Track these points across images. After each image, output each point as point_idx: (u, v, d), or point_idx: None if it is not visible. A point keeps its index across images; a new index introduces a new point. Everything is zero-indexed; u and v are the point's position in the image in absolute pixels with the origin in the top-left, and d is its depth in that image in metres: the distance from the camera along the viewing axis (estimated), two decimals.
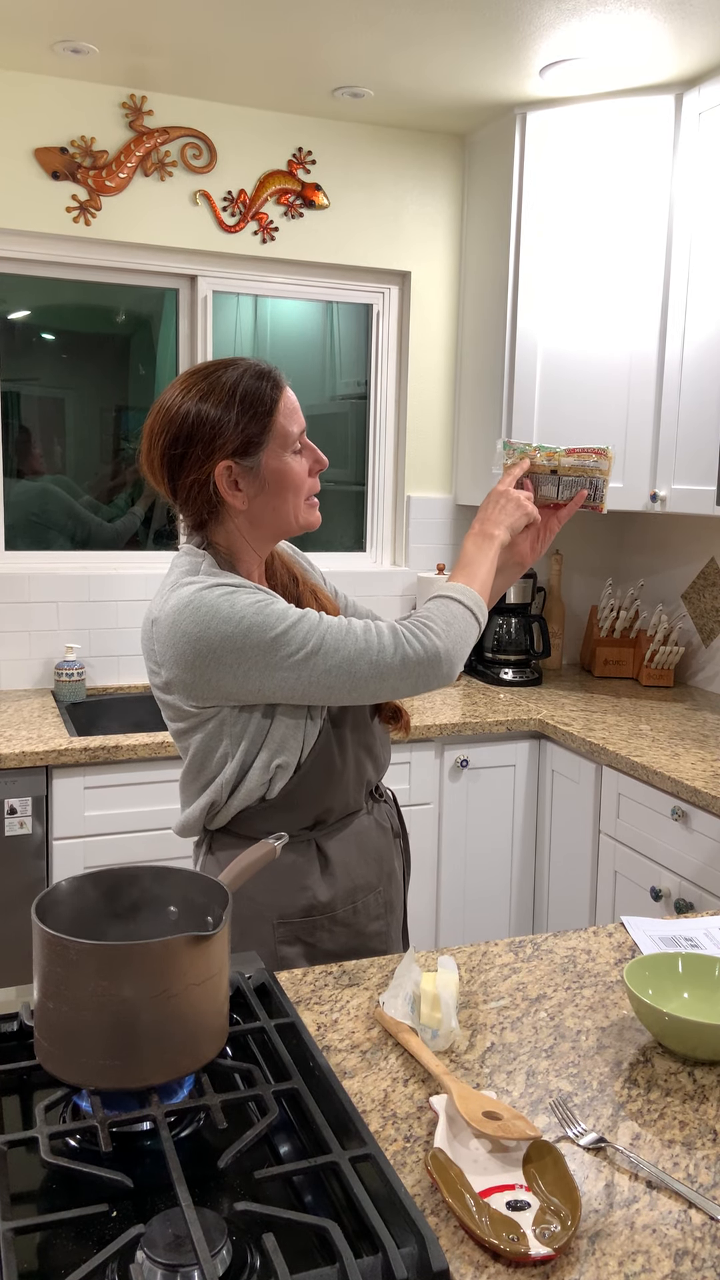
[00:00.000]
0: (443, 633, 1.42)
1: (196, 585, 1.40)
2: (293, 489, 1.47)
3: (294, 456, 1.46)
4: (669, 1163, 1.00)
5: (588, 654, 3.56)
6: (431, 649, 1.40)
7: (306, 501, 1.50)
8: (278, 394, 1.44)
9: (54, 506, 3.20)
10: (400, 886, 1.67)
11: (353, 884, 1.56)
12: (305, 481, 1.48)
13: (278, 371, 1.47)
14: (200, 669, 1.38)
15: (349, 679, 1.38)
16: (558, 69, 2.73)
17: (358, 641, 1.39)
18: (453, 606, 1.46)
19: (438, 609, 1.45)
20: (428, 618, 1.44)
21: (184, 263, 3.16)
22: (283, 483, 1.45)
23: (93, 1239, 0.88)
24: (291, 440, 1.45)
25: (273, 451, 1.44)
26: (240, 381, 1.42)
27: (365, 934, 1.57)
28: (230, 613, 1.37)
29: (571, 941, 1.48)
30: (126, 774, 2.59)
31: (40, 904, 1.08)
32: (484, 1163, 0.98)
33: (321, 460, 1.50)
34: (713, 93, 2.72)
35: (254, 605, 1.38)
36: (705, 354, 2.78)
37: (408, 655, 1.39)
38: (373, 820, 1.61)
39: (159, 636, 1.42)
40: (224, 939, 1.05)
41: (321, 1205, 0.93)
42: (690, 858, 2.34)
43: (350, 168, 3.24)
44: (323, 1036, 1.21)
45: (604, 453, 1.62)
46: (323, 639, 1.38)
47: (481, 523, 1.57)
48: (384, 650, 1.39)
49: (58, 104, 2.92)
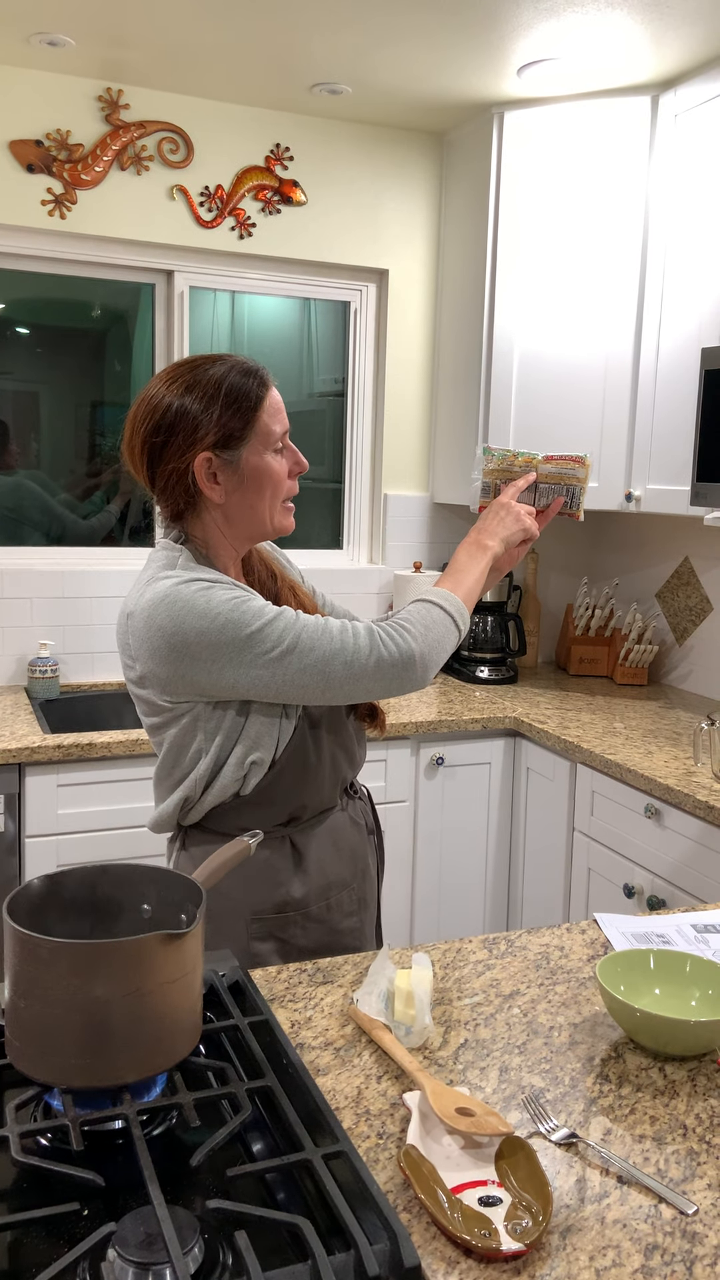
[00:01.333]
0: (419, 636, 1.42)
1: (173, 580, 1.39)
2: (270, 487, 1.46)
3: (274, 455, 1.46)
4: (640, 1158, 1.01)
5: (563, 652, 3.57)
6: (406, 652, 1.40)
7: (283, 504, 1.50)
8: (264, 391, 1.44)
9: (28, 502, 3.18)
10: (374, 883, 1.67)
11: (327, 880, 1.56)
12: (284, 481, 1.48)
13: (265, 370, 1.47)
14: (174, 663, 1.38)
15: (323, 679, 1.38)
16: (535, 69, 2.74)
17: (333, 641, 1.38)
18: (433, 611, 1.46)
19: (418, 612, 1.45)
20: (407, 620, 1.44)
21: (160, 258, 3.14)
22: (261, 480, 1.45)
23: (64, 1237, 0.88)
24: (274, 439, 1.45)
25: (254, 448, 1.44)
26: (227, 376, 1.42)
27: (339, 930, 1.57)
28: (206, 608, 1.36)
29: (545, 938, 1.49)
30: (100, 771, 2.57)
31: (12, 902, 1.07)
32: (457, 1159, 0.98)
33: (301, 463, 1.50)
34: (689, 94, 2.74)
35: (230, 601, 1.37)
36: (680, 355, 2.80)
37: (382, 657, 1.39)
38: (347, 817, 1.61)
39: (134, 630, 1.41)
40: (197, 937, 1.05)
41: (294, 1202, 0.93)
42: (663, 855, 2.36)
43: (328, 164, 3.23)
44: (296, 1034, 1.21)
45: (581, 460, 1.63)
46: (298, 637, 1.38)
47: (478, 532, 1.57)
48: (359, 651, 1.39)
49: (33, 97, 2.90)
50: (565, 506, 1.66)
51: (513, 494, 1.61)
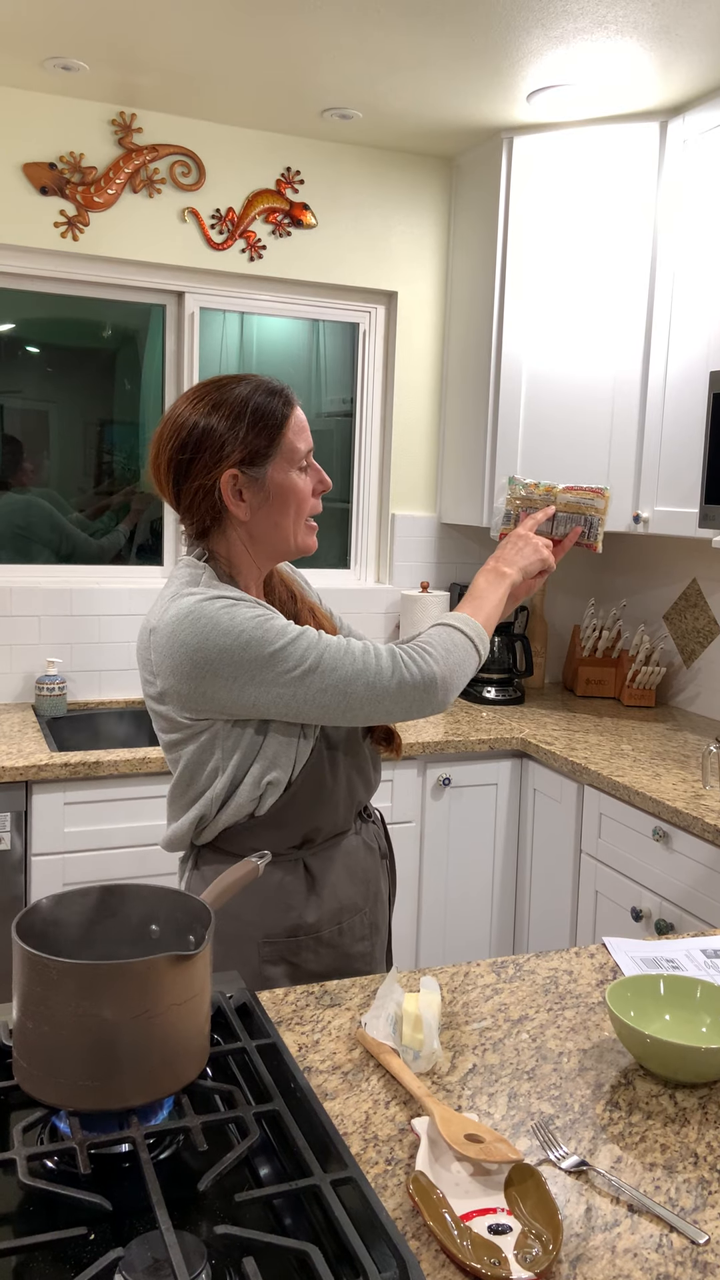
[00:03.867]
0: (441, 659, 1.42)
1: (197, 596, 1.40)
2: (295, 505, 1.48)
3: (299, 473, 1.48)
4: (650, 1186, 1.00)
5: (570, 673, 3.57)
6: (429, 675, 1.40)
7: (306, 523, 1.51)
8: (288, 410, 1.46)
9: (39, 520, 3.19)
10: (386, 907, 1.66)
11: (339, 905, 1.55)
12: (308, 499, 1.49)
13: (289, 390, 1.48)
14: (196, 680, 1.38)
15: (344, 699, 1.38)
16: (545, 95, 2.77)
17: (355, 662, 1.39)
18: (454, 635, 1.46)
19: (439, 636, 1.46)
20: (428, 643, 1.44)
21: (171, 279, 3.17)
22: (285, 498, 1.46)
23: (70, 1262, 0.87)
24: (298, 457, 1.47)
25: (279, 466, 1.45)
26: (252, 396, 1.44)
27: (350, 955, 1.57)
28: (230, 625, 1.37)
29: (553, 962, 1.48)
30: (107, 790, 2.57)
31: (21, 922, 1.07)
32: (466, 1186, 0.97)
33: (325, 481, 1.51)
34: (697, 120, 2.76)
35: (254, 620, 1.38)
36: (688, 377, 2.81)
37: (404, 679, 1.39)
38: (361, 841, 1.61)
39: (156, 646, 1.41)
40: (206, 959, 1.05)
41: (302, 1228, 0.92)
42: (671, 878, 2.35)
43: (338, 188, 3.26)
44: (304, 1057, 1.21)
45: (601, 492, 1.63)
46: (320, 657, 1.38)
47: (497, 560, 1.59)
48: (380, 673, 1.39)
49: (47, 120, 2.93)
50: (583, 536, 1.66)
51: (530, 525, 1.63)
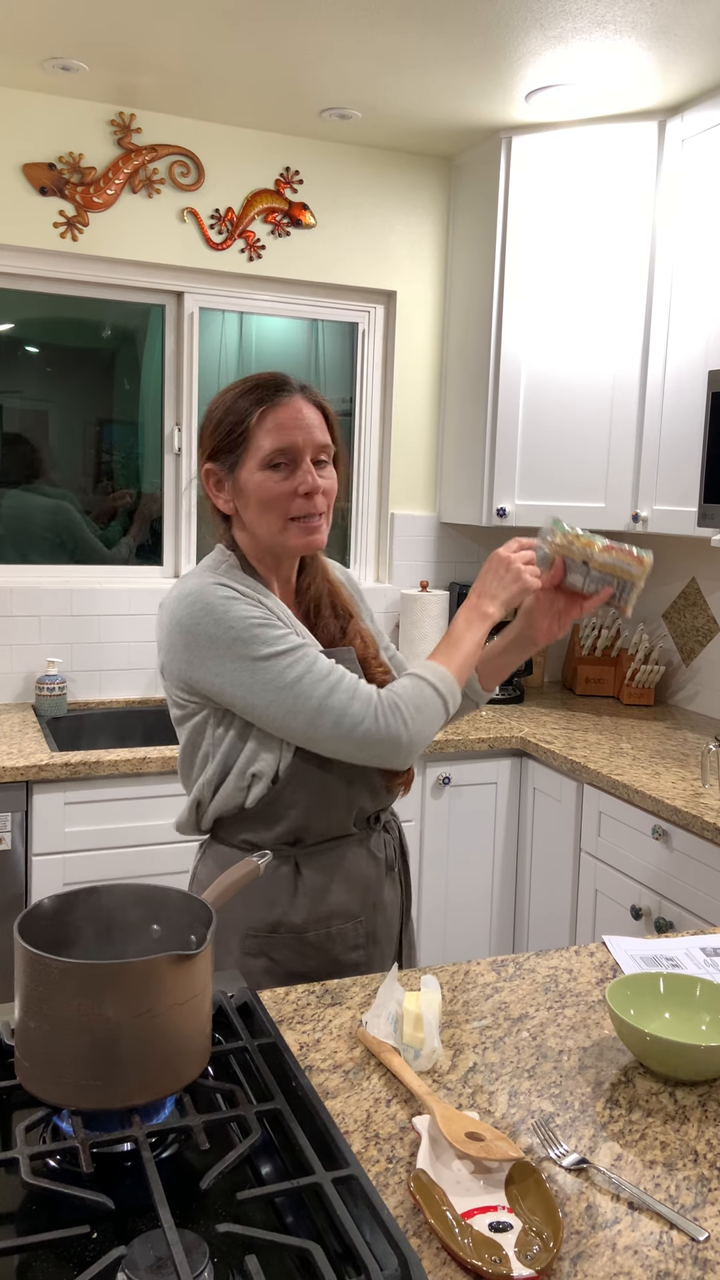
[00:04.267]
0: (410, 719, 1.41)
1: (207, 580, 1.43)
2: (264, 505, 1.44)
3: (270, 473, 1.43)
4: (650, 1184, 1.01)
5: (569, 672, 3.57)
6: (394, 735, 1.40)
7: (294, 522, 1.46)
8: (261, 408, 1.42)
9: (65, 524, 3.24)
10: (391, 919, 1.61)
11: (328, 909, 1.53)
12: (281, 500, 1.43)
13: (286, 387, 1.44)
14: (184, 660, 1.41)
15: (309, 728, 1.39)
16: (543, 94, 2.77)
17: (330, 698, 1.38)
18: (426, 691, 1.44)
19: (412, 692, 1.43)
20: (402, 698, 1.42)
21: (170, 279, 3.17)
22: (254, 497, 1.44)
23: (73, 1261, 0.88)
24: (267, 456, 1.42)
25: (247, 465, 1.44)
26: (229, 394, 1.45)
27: (340, 962, 1.54)
28: (223, 616, 1.39)
29: (553, 961, 1.49)
30: (107, 789, 2.58)
31: (22, 922, 1.07)
32: (466, 1184, 0.98)
33: (308, 484, 1.43)
34: (696, 120, 2.76)
35: (247, 620, 1.39)
36: (687, 376, 2.81)
37: (369, 732, 1.39)
38: (365, 850, 1.56)
39: (160, 621, 1.46)
40: (207, 958, 1.05)
41: (304, 1226, 0.92)
42: (670, 877, 2.35)
43: (337, 188, 3.26)
44: (305, 1056, 1.21)
45: (642, 559, 1.53)
46: (300, 679, 1.38)
47: (478, 595, 1.51)
48: (350, 717, 1.38)
49: (46, 120, 2.93)
50: (614, 598, 1.56)
51: (514, 548, 1.52)
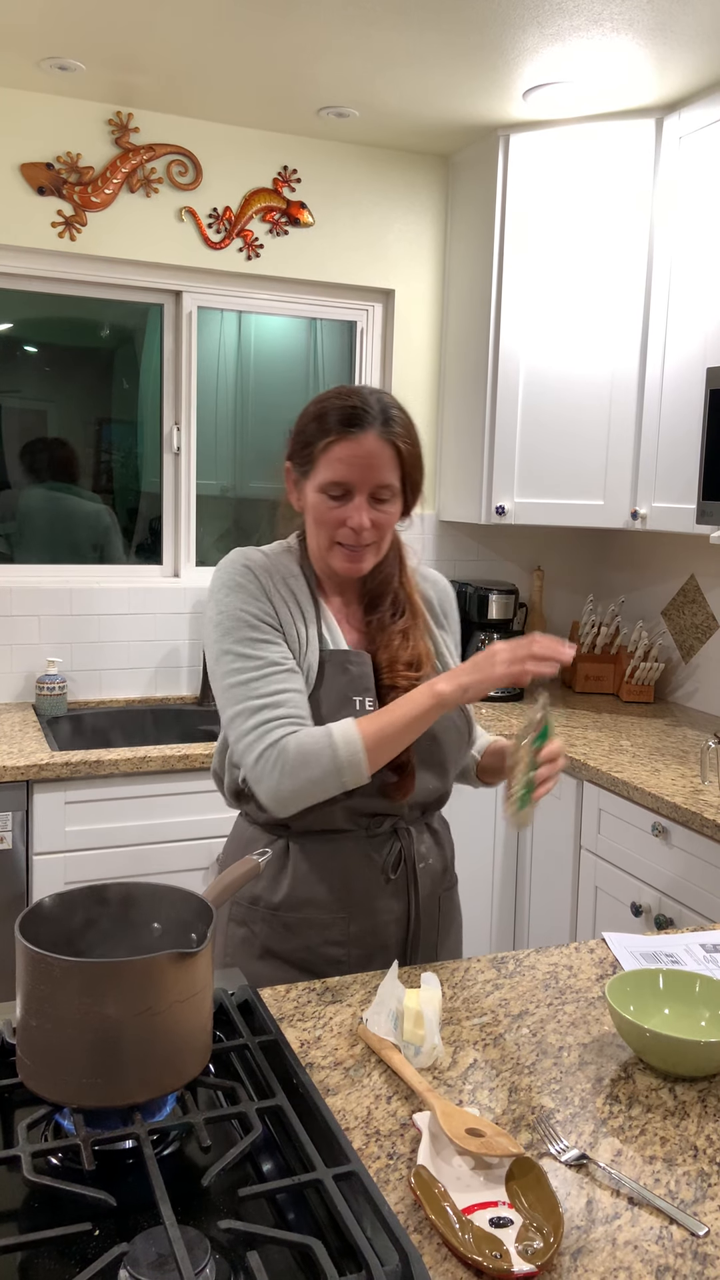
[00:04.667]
0: (289, 773, 1.39)
1: (248, 549, 1.54)
2: (316, 525, 1.50)
3: (325, 498, 1.47)
4: (650, 1179, 1.01)
5: (569, 670, 3.57)
6: (267, 784, 1.41)
7: (340, 547, 1.50)
8: (332, 437, 1.44)
9: (103, 530, 3.29)
10: (384, 928, 1.55)
11: (307, 896, 1.52)
12: (328, 526, 1.48)
13: (363, 420, 1.43)
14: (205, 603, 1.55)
15: (227, 728, 1.48)
16: (541, 92, 2.77)
17: (242, 720, 1.43)
18: (322, 748, 1.38)
19: (309, 745, 1.39)
20: (293, 750, 1.39)
21: (169, 278, 3.17)
22: (311, 514, 1.51)
23: (75, 1258, 0.88)
24: (327, 486, 1.46)
25: (310, 482, 1.49)
26: (319, 407, 1.48)
27: (317, 952, 1.53)
28: (223, 596, 1.49)
29: (553, 957, 1.49)
30: (108, 788, 2.58)
31: (24, 920, 1.07)
32: (467, 1180, 0.98)
33: (355, 521, 1.45)
34: (693, 117, 2.76)
35: (236, 612, 1.48)
36: (685, 374, 2.81)
37: (250, 771, 1.43)
38: (361, 850, 1.53)
39: None
40: (208, 956, 1.05)
41: (305, 1223, 0.93)
42: (670, 873, 2.36)
43: (335, 186, 3.26)
44: (306, 1053, 1.21)
45: None
46: (234, 686, 1.45)
47: (446, 674, 1.44)
48: (243, 746, 1.42)
49: (44, 120, 2.93)
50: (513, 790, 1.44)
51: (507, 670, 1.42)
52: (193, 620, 3.25)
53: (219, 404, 3.35)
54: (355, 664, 1.53)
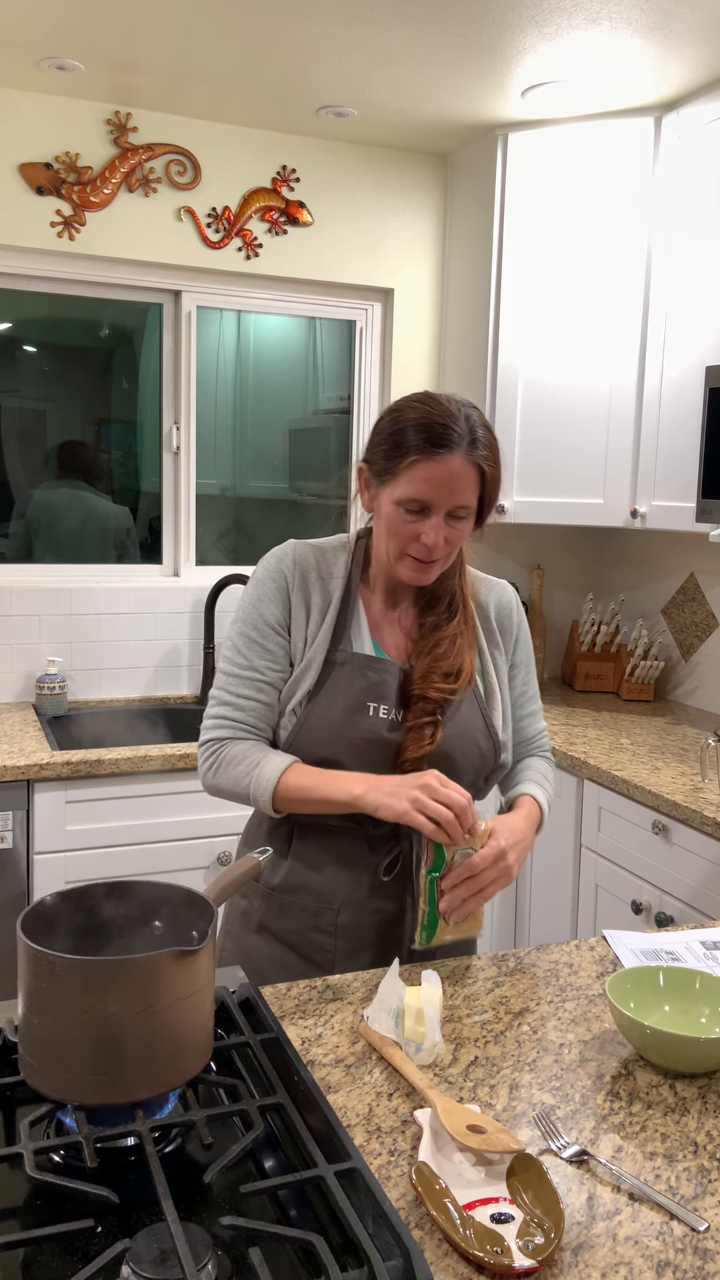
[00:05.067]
0: (225, 770, 1.52)
1: (299, 543, 1.58)
2: (388, 533, 1.50)
3: (402, 511, 1.46)
4: (651, 1175, 1.01)
5: (569, 668, 3.58)
6: (202, 773, 1.56)
7: (408, 557, 1.49)
8: (421, 455, 1.42)
9: (121, 529, 3.30)
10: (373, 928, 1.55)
11: (302, 882, 1.55)
12: (400, 539, 1.48)
13: (450, 441, 1.41)
14: None
15: None
16: (539, 91, 2.77)
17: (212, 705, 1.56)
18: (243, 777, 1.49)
19: (242, 764, 1.50)
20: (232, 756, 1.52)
21: (168, 278, 3.17)
22: (384, 522, 1.50)
23: (78, 1254, 0.88)
24: (408, 502, 1.45)
25: (389, 491, 1.47)
26: (405, 419, 1.45)
27: (306, 938, 1.55)
28: (252, 587, 1.56)
29: (554, 955, 1.49)
30: (108, 788, 2.58)
31: (25, 919, 1.08)
32: (468, 1176, 0.98)
33: (429, 539, 1.44)
34: (692, 115, 2.76)
35: (250, 607, 1.55)
36: (685, 371, 2.81)
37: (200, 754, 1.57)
38: (359, 849, 1.53)
39: None
40: (209, 954, 1.06)
41: (307, 1219, 0.93)
42: (670, 871, 2.36)
43: (334, 185, 3.26)
44: (307, 1051, 1.22)
45: None
46: (221, 671, 1.55)
47: (372, 779, 1.42)
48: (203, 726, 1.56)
49: (43, 120, 2.93)
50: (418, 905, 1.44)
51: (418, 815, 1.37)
52: (192, 619, 3.25)
53: (218, 403, 3.35)
54: (376, 670, 1.51)
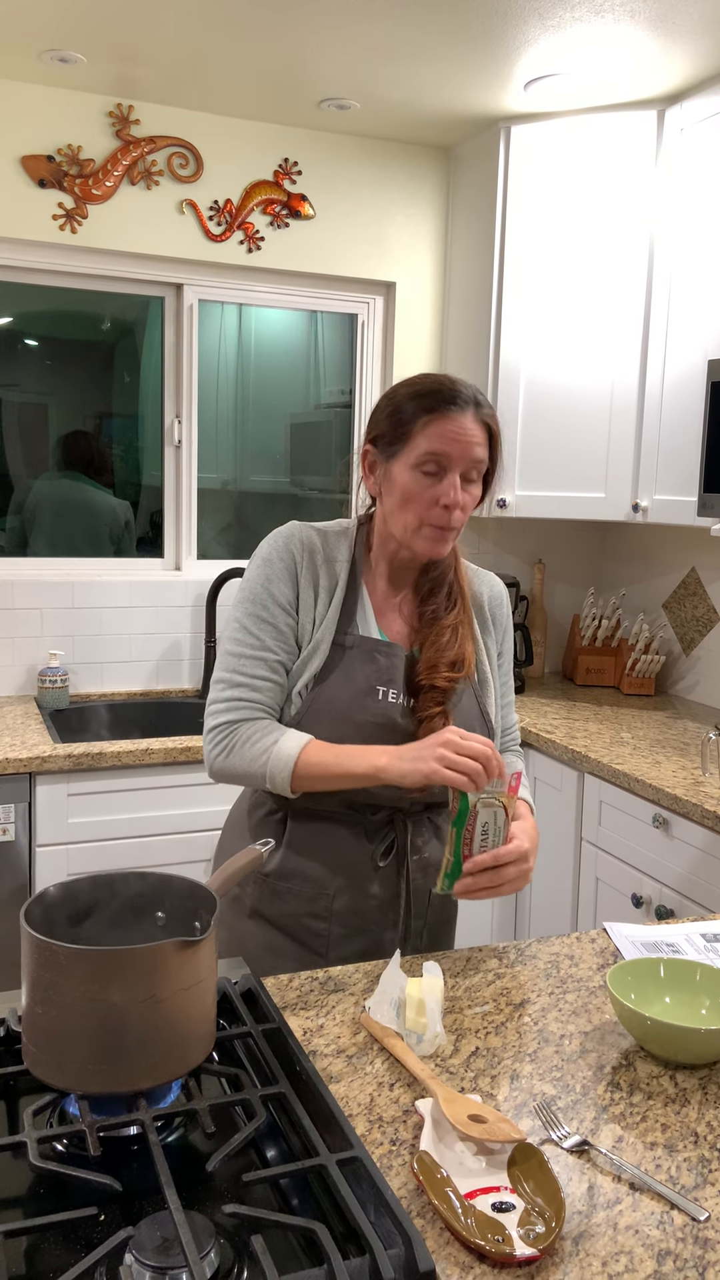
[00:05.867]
0: (228, 755, 1.49)
1: (303, 524, 1.57)
2: (405, 503, 1.48)
3: (418, 475, 1.47)
4: (651, 1165, 1.02)
5: (570, 662, 3.58)
6: (209, 755, 1.52)
7: (430, 528, 1.48)
8: (430, 414, 1.45)
9: (120, 523, 3.30)
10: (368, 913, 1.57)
11: (296, 868, 1.56)
12: (422, 504, 1.47)
13: (460, 399, 1.45)
14: None
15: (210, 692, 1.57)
16: (542, 84, 2.76)
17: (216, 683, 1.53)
18: (259, 755, 1.46)
19: (258, 743, 1.47)
20: (243, 736, 1.48)
21: (170, 271, 3.17)
22: (398, 492, 1.49)
23: (81, 1242, 0.89)
24: (420, 458, 1.46)
25: (402, 460, 1.48)
26: (404, 390, 1.50)
27: (300, 923, 1.56)
28: (256, 566, 1.55)
29: (555, 947, 1.50)
30: (110, 780, 2.59)
31: (29, 909, 1.08)
32: (469, 1165, 0.99)
33: (449, 498, 1.45)
34: (696, 108, 2.76)
35: (257, 586, 1.53)
36: (687, 365, 2.81)
37: (206, 731, 1.54)
38: (354, 836, 1.55)
39: None
40: (211, 945, 1.06)
41: (308, 1208, 0.93)
42: (671, 865, 2.36)
43: (336, 179, 3.26)
44: (309, 1041, 1.22)
45: None
46: (226, 654, 1.53)
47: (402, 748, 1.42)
48: (208, 706, 1.54)
49: (45, 112, 2.92)
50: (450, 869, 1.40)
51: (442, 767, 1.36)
52: (194, 613, 3.25)
53: (220, 397, 3.35)
54: (385, 654, 1.53)
